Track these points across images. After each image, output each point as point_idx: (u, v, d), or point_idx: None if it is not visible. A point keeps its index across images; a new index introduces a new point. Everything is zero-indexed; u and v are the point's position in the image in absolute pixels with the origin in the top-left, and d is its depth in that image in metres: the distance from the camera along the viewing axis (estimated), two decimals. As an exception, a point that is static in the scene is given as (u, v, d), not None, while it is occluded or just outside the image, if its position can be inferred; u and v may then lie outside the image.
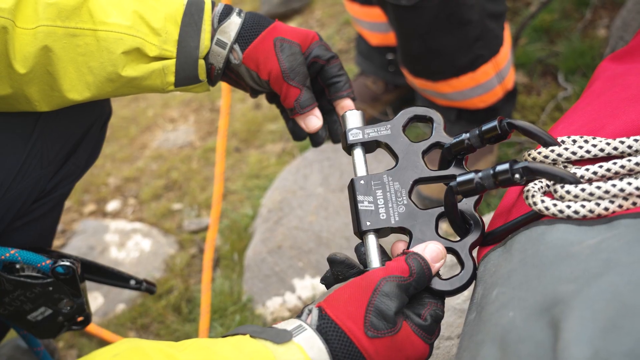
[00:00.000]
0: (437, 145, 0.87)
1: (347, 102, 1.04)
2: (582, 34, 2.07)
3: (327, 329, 0.72)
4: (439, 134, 0.87)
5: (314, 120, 1.04)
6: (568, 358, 0.53)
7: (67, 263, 1.05)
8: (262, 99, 2.45)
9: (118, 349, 0.69)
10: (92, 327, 1.64)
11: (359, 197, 0.83)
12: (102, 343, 1.66)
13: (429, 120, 0.89)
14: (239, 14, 1.02)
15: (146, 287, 1.28)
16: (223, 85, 2.10)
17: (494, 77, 1.62)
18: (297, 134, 1.09)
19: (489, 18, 1.55)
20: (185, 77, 1.00)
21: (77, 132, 1.10)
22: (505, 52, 1.64)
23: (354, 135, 0.89)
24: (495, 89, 1.65)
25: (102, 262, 1.87)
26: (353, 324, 0.71)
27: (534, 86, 2.01)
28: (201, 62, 0.99)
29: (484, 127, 0.81)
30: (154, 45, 0.96)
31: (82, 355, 1.64)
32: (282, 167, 2.06)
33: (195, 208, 2.05)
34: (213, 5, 1.01)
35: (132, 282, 1.27)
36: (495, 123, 0.80)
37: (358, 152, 0.89)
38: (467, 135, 0.83)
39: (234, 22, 1.00)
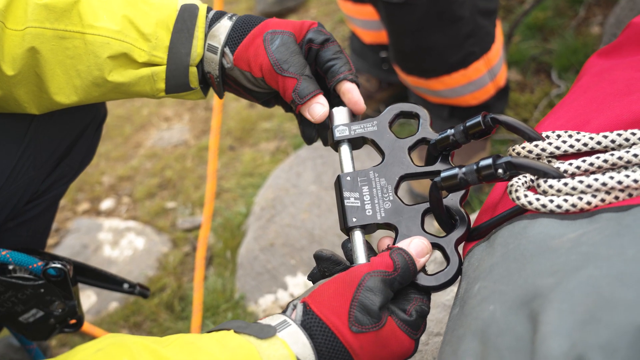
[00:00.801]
0: (423, 141, 0.87)
1: (348, 86, 0.92)
2: (576, 31, 2.07)
3: (311, 324, 0.71)
4: (425, 130, 0.87)
5: (317, 108, 0.91)
6: (546, 350, 0.53)
7: (59, 265, 1.04)
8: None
9: (101, 344, 0.68)
10: (85, 326, 1.64)
11: (345, 194, 0.83)
12: (95, 341, 1.66)
13: (415, 117, 0.89)
14: (230, 17, 0.97)
15: (139, 291, 1.28)
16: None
17: (485, 74, 1.62)
18: (306, 134, 0.98)
19: (480, 15, 1.55)
20: (175, 85, 0.97)
21: (71, 133, 1.09)
22: (497, 49, 1.64)
23: (340, 132, 0.89)
24: (487, 86, 1.65)
25: (96, 260, 1.87)
26: (337, 319, 0.71)
27: (528, 84, 2.01)
28: (193, 70, 0.96)
29: (468, 123, 0.81)
30: (143, 51, 0.93)
31: (74, 354, 1.64)
32: (275, 165, 2.06)
33: (189, 206, 2.05)
34: (208, 11, 0.98)
35: (126, 285, 1.27)
36: (479, 118, 0.80)
37: (344, 148, 0.89)
38: (452, 131, 0.83)
39: (224, 25, 0.96)
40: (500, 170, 0.72)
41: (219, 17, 0.97)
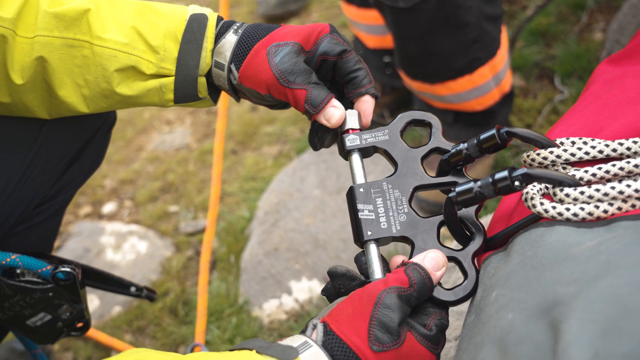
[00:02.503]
0: (436, 150, 0.86)
1: (367, 98, 0.91)
2: (579, 37, 2.08)
3: (332, 345, 0.71)
4: (438, 139, 0.86)
5: (332, 112, 0.89)
6: (568, 359, 0.53)
7: (68, 269, 1.04)
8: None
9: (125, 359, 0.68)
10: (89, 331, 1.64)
11: (359, 206, 0.82)
12: (98, 346, 1.65)
13: (427, 125, 0.88)
14: (236, 30, 0.94)
15: (146, 294, 1.28)
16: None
17: (491, 79, 1.62)
18: (321, 139, 0.96)
19: (486, 20, 1.55)
20: (184, 95, 0.96)
21: (81, 138, 1.09)
22: (503, 54, 1.64)
23: (351, 141, 0.87)
24: (492, 91, 1.66)
25: (98, 264, 1.87)
26: (358, 339, 0.71)
27: (531, 89, 2.01)
28: (202, 80, 0.95)
29: (482, 136, 0.79)
30: (151, 63, 0.93)
31: (77, 358, 1.63)
32: (278, 169, 2.06)
33: (192, 210, 2.04)
34: (219, 20, 0.96)
35: (133, 289, 1.27)
36: (493, 131, 0.78)
37: (356, 158, 0.88)
38: (465, 145, 0.81)
39: (229, 41, 0.93)
40: (517, 183, 0.71)
41: (226, 29, 0.95)
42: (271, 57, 0.90)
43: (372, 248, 0.80)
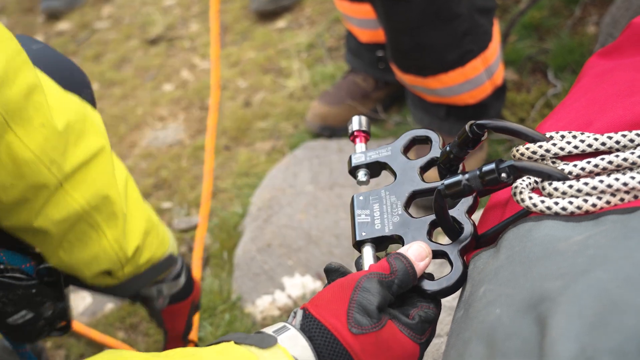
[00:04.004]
0: (434, 161, 0.88)
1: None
2: (572, 30, 2.07)
3: (310, 328, 0.71)
4: (436, 151, 0.89)
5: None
6: (555, 355, 0.53)
7: (51, 265, 1.03)
8: (253, 96, 2.44)
9: None
10: (80, 327, 1.63)
11: (357, 212, 0.86)
12: (90, 343, 1.64)
13: (427, 140, 0.91)
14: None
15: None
16: (212, 82, 2.09)
17: (483, 72, 1.62)
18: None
19: (478, 13, 1.55)
20: None
21: None
22: (495, 47, 1.64)
23: (357, 159, 0.92)
24: (484, 84, 1.65)
25: (91, 261, 1.86)
26: (337, 320, 0.70)
27: (524, 83, 2.01)
28: None
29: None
30: None
31: (70, 356, 1.63)
32: (271, 165, 2.05)
33: (185, 207, 2.03)
34: None
35: None
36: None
37: (361, 173, 0.92)
38: (448, 147, 0.81)
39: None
40: (504, 175, 0.71)
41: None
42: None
43: (367, 249, 0.82)
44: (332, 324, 0.70)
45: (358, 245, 0.83)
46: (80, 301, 1.77)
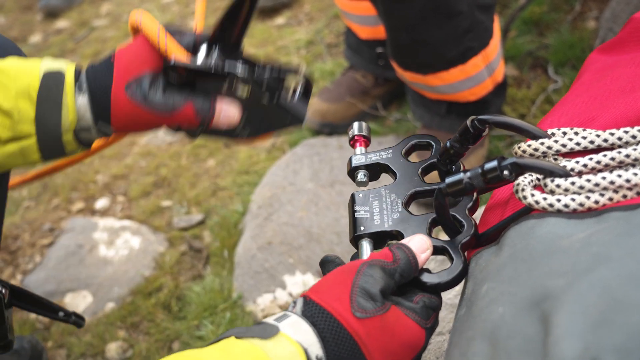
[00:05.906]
0: (435, 165, 0.88)
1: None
2: (572, 26, 2.07)
3: (312, 313, 0.69)
4: (437, 155, 0.89)
5: (226, 111, 0.93)
6: (558, 353, 0.53)
7: None
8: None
9: None
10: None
11: (356, 207, 0.86)
12: (92, 342, 1.64)
13: (429, 146, 0.91)
14: (80, 87, 0.89)
15: (74, 320, 1.24)
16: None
17: (484, 69, 1.61)
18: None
19: (478, 10, 1.54)
20: (52, 153, 0.91)
21: None
22: (495, 44, 1.63)
23: (357, 160, 0.92)
24: (485, 81, 1.64)
25: (91, 260, 1.86)
26: (340, 305, 0.68)
27: (524, 79, 2.00)
28: (67, 139, 0.90)
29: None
30: (4, 128, 0.86)
31: (71, 355, 1.63)
32: (272, 162, 2.05)
33: (185, 205, 2.03)
34: (78, 73, 0.91)
35: (61, 313, 1.23)
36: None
37: (360, 174, 0.92)
38: (449, 142, 0.81)
39: (83, 104, 0.89)
40: (506, 172, 0.70)
41: (79, 90, 0.90)
42: (131, 96, 0.89)
43: (364, 244, 0.82)
44: (335, 309, 0.68)
45: (356, 240, 0.83)
46: (81, 300, 1.77)
